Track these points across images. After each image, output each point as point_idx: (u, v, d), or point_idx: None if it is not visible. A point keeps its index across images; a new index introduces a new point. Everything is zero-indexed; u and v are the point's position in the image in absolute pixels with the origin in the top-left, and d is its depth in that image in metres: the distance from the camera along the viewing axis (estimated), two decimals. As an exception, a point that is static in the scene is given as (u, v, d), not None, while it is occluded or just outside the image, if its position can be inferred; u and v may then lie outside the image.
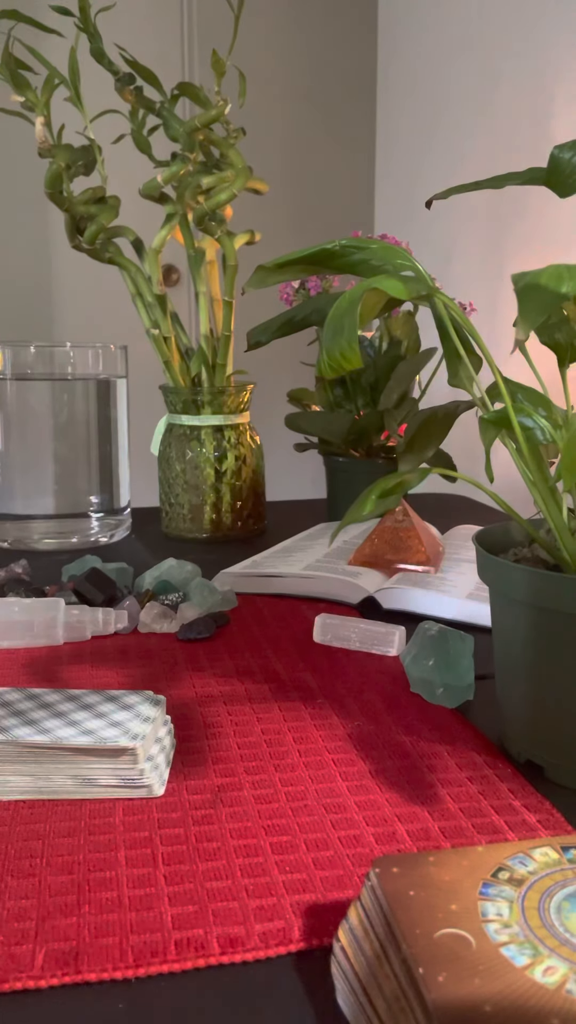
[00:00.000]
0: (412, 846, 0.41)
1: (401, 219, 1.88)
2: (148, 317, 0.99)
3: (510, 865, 0.33)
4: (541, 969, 0.27)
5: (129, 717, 0.47)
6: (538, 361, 0.47)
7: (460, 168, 1.51)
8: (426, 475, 0.51)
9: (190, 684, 0.60)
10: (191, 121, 0.94)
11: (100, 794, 0.44)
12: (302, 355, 1.13)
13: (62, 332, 2.07)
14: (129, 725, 0.46)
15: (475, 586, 0.76)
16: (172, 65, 1.97)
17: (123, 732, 0.45)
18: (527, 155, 1.27)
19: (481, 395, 0.48)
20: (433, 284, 0.45)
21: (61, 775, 0.44)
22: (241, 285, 0.60)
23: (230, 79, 0.96)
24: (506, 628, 0.49)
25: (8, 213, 1.97)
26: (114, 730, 0.45)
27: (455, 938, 0.29)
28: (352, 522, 0.50)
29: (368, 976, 0.30)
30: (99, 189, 0.94)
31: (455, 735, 0.52)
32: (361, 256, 0.44)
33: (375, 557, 0.83)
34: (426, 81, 1.71)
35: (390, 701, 0.57)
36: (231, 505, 1.01)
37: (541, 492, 0.46)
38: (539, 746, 0.48)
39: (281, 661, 0.64)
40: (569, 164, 0.45)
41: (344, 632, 0.67)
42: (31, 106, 0.90)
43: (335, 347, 0.40)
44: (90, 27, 0.92)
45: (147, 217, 1.02)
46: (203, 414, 0.99)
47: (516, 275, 0.45)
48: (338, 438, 1.04)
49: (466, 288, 1.28)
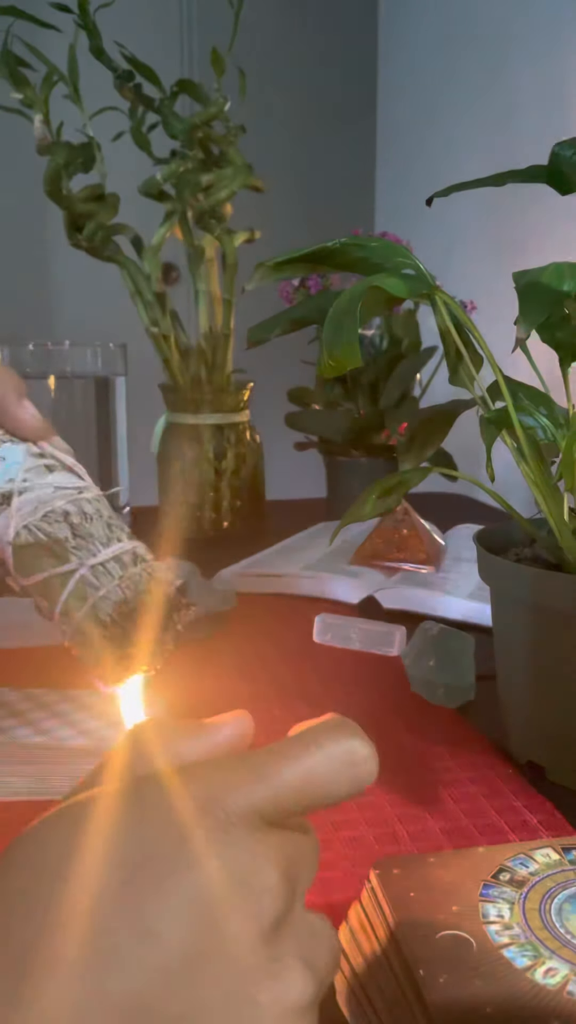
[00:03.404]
0: (413, 847, 0.41)
1: (402, 217, 1.87)
2: (147, 315, 0.99)
3: (511, 866, 0.32)
4: (542, 971, 0.27)
5: (128, 717, 0.47)
6: (539, 360, 0.47)
7: (461, 166, 1.51)
8: (427, 474, 0.51)
9: (189, 684, 0.60)
10: (191, 118, 0.94)
11: (99, 794, 0.44)
12: (302, 353, 1.13)
13: (61, 330, 2.07)
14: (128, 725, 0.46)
15: (476, 586, 0.76)
16: (171, 62, 1.97)
17: (123, 732, 0.45)
18: (528, 153, 1.26)
19: (482, 394, 0.48)
20: (433, 282, 0.45)
21: (60, 775, 0.44)
22: (241, 283, 0.60)
23: (230, 76, 0.95)
24: (507, 628, 0.49)
25: (7, 211, 1.96)
26: (114, 730, 0.45)
27: (456, 939, 0.29)
28: (352, 521, 0.50)
29: (368, 977, 0.30)
30: (98, 187, 0.94)
31: (456, 735, 0.52)
32: (361, 254, 0.44)
33: (375, 556, 0.83)
34: (426, 79, 1.70)
35: (390, 701, 0.57)
36: (231, 504, 1.00)
37: (542, 491, 0.46)
38: (540, 746, 0.48)
39: (281, 661, 0.64)
40: (570, 162, 0.45)
41: (344, 632, 0.67)
42: (30, 103, 0.90)
43: (335, 346, 0.40)
44: (89, 24, 0.91)
45: (146, 215, 1.02)
46: (203, 413, 0.99)
47: (517, 273, 0.44)
48: (338, 437, 1.04)
49: (467, 286, 1.28)
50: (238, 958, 0.21)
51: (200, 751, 0.25)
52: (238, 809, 0.22)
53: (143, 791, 0.23)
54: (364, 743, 0.24)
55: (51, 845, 0.22)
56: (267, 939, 0.21)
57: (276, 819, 0.23)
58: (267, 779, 0.23)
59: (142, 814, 0.22)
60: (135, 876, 0.21)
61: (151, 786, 0.23)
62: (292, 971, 0.22)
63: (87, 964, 0.20)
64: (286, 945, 0.22)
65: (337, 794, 0.24)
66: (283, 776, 0.23)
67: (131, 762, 0.25)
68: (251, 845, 0.22)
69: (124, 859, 0.21)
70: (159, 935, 0.20)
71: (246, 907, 0.21)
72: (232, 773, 0.23)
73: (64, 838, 0.22)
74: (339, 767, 0.24)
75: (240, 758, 0.24)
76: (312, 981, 0.22)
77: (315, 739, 0.24)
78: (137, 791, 0.23)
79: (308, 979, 0.22)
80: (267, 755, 0.24)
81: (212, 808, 0.22)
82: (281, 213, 1.92)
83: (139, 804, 0.22)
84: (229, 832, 0.22)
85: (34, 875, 0.21)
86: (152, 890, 0.21)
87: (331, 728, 0.25)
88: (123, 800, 0.22)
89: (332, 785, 0.24)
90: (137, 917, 0.20)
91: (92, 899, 0.20)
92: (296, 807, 0.23)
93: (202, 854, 0.21)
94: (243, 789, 0.23)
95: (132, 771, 0.24)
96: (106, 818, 0.22)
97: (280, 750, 0.24)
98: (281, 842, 0.23)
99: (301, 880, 0.23)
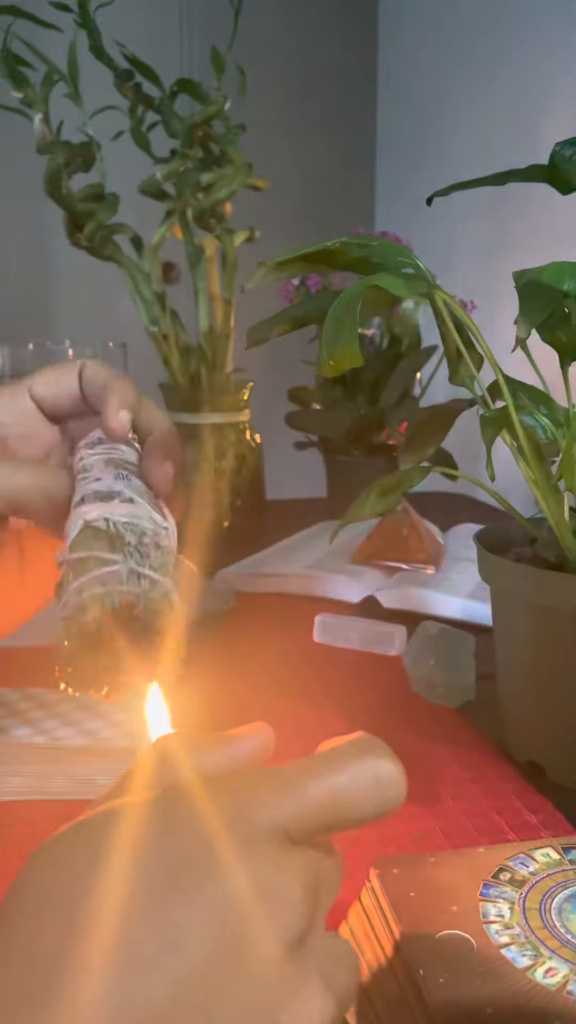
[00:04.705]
0: (413, 847, 0.41)
1: (402, 216, 1.87)
2: (147, 314, 0.98)
3: (511, 866, 0.32)
4: (542, 970, 0.27)
5: (128, 718, 0.47)
6: (539, 359, 0.47)
7: (461, 165, 1.51)
8: (426, 473, 0.51)
9: (189, 684, 0.60)
10: (190, 118, 0.94)
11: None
12: (302, 353, 1.13)
13: (61, 330, 2.07)
14: (128, 725, 0.46)
15: (476, 585, 0.76)
16: (171, 61, 1.97)
17: (122, 732, 0.45)
18: (529, 152, 1.27)
19: (482, 393, 0.48)
20: (434, 282, 0.45)
21: (60, 775, 0.44)
22: (241, 282, 0.60)
23: (230, 76, 0.95)
24: (507, 627, 0.48)
25: (6, 210, 1.96)
26: (114, 730, 0.45)
27: (456, 939, 0.29)
28: (352, 521, 0.50)
29: (368, 977, 0.30)
30: (98, 186, 0.94)
31: (456, 735, 0.52)
32: (362, 253, 0.44)
33: (376, 556, 0.83)
34: (427, 79, 1.70)
35: (391, 701, 0.57)
36: (231, 504, 1.00)
37: (542, 491, 0.46)
38: (540, 746, 0.48)
39: (281, 661, 0.64)
40: (570, 161, 0.45)
41: (344, 631, 0.67)
42: (30, 102, 0.90)
43: (335, 345, 0.40)
44: (89, 23, 0.91)
45: (146, 214, 1.02)
46: (202, 412, 0.99)
47: (517, 272, 0.44)
48: (338, 436, 1.04)
49: (467, 286, 1.28)
50: (260, 973, 0.21)
51: (223, 764, 0.25)
52: (264, 824, 0.22)
53: (170, 802, 0.23)
54: (393, 764, 0.24)
55: (79, 851, 0.22)
56: (289, 956, 0.21)
57: (301, 837, 0.23)
58: (293, 796, 0.23)
59: (170, 825, 0.22)
60: (162, 886, 0.21)
61: (178, 798, 0.23)
62: (312, 990, 0.22)
63: (112, 972, 0.20)
64: (307, 963, 0.22)
65: (363, 815, 0.24)
66: (309, 794, 0.23)
67: (157, 773, 0.25)
68: (276, 861, 0.22)
69: (151, 869, 0.21)
70: (184, 946, 0.20)
71: (270, 922, 0.21)
72: (259, 788, 0.23)
73: (92, 845, 0.22)
74: (366, 787, 0.24)
75: (267, 773, 0.24)
76: (331, 1001, 0.22)
77: (343, 758, 0.24)
78: (164, 802, 0.23)
79: (328, 999, 0.22)
80: (294, 772, 0.23)
81: (238, 822, 0.22)
82: (281, 213, 1.92)
83: (166, 815, 0.22)
84: (254, 847, 0.22)
85: (62, 880, 0.21)
86: (179, 901, 0.21)
87: (359, 747, 0.24)
88: (151, 810, 0.22)
89: (358, 805, 0.23)
90: (163, 927, 0.20)
91: (119, 907, 0.20)
92: (321, 826, 0.23)
93: (229, 867, 0.21)
94: (269, 805, 0.22)
95: (159, 782, 0.24)
96: (134, 828, 0.22)
97: (307, 767, 0.24)
98: (305, 860, 0.23)
99: (323, 899, 0.23)
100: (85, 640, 0.31)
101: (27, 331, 2.05)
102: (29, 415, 0.42)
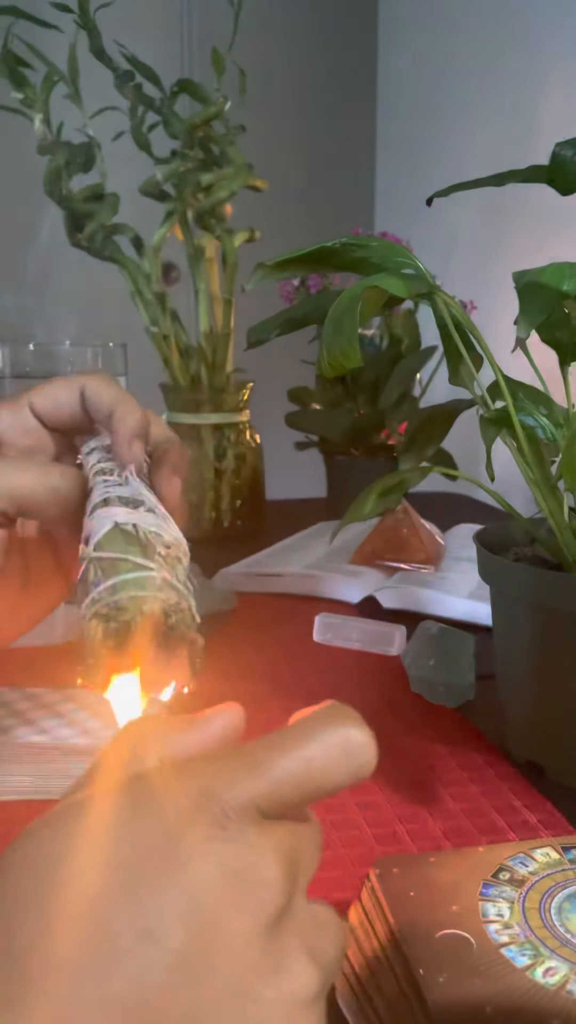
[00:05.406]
0: (412, 846, 0.41)
1: (402, 217, 1.87)
2: (147, 315, 0.99)
3: (511, 866, 0.32)
4: (542, 970, 0.27)
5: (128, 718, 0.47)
6: (539, 359, 0.47)
7: (461, 165, 1.51)
8: (426, 474, 0.51)
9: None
10: (191, 118, 0.94)
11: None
12: (302, 353, 1.13)
13: (61, 330, 2.07)
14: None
15: (476, 585, 0.76)
16: (171, 62, 1.97)
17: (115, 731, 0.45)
18: (529, 152, 1.27)
19: (482, 393, 0.48)
20: (434, 282, 0.45)
21: (60, 775, 0.44)
22: (241, 283, 0.60)
23: (230, 76, 0.95)
24: (507, 627, 0.49)
25: (6, 210, 1.97)
26: (114, 730, 0.45)
27: (456, 939, 0.29)
28: (352, 521, 0.50)
29: (368, 977, 0.30)
30: (98, 186, 0.94)
31: (456, 735, 0.52)
32: (361, 254, 0.44)
33: (375, 556, 0.83)
34: (427, 79, 1.70)
35: (390, 701, 0.57)
36: (231, 504, 1.00)
37: (542, 491, 0.46)
38: (540, 746, 0.48)
39: (281, 661, 0.64)
40: (571, 161, 0.45)
41: (344, 631, 0.67)
42: (30, 103, 0.90)
43: (335, 345, 0.40)
44: (89, 24, 0.91)
45: (146, 214, 1.02)
46: (202, 412, 0.99)
47: (517, 273, 0.44)
48: (338, 437, 1.04)
49: (467, 286, 1.28)
50: (239, 954, 0.21)
51: (193, 746, 0.25)
52: (234, 804, 0.22)
53: (137, 789, 0.23)
54: (361, 730, 0.24)
55: (47, 847, 0.22)
56: (268, 933, 0.21)
57: (274, 811, 0.23)
58: (263, 772, 0.23)
59: (137, 813, 0.22)
60: (132, 876, 0.21)
61: (145, 784, 0.23)
62: (296, 963, 0.22)
63: (88, 965, 0.20)
64: (289, 938, 0.22)
65: (336, 783, 0.24)
66: (279, 768, 0.23)
67: (124, 760, 0.25)
68: (248, 840, 0.22)
69: (120, 859, 0.21)
70: (158, 934, 0.20)
71: (245, 902, 0.21)
72: (227, 767, 0.23)
73: (60, 840, 0.22)
74: (336, 756, 0.23)
75: (235, 751, 0.24)
76: (317, 972, 0.22)
77: (311, 728, 0.24)
78: (131, 790, 0.23)
79: (312, 971, 0.22)
80: (262, 747, 0.23)
81: (208, 804, 0.22)
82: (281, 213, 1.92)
83: (134, 803, 0.22)
84: (226, 827, 0.22)
85: (31, 878, 0.21)
86: (149, 889, 0.21)
87: (327, 716, 0.24)
88: (118, 799, 0.22)
89: (330, 774, 0.23)
90: (135, 917, 0.20)
91: (90, 900, 0.20)
92: (294, 798, 0.23)
93: (198, 851, 0.21)
94: (239, 783, 0.22)
95: (126, 770, 0.24)
96: (101, 818, 0.22)
97: (275, 741, 0.24)
98: (279, 834, 0.23)
99: (303, 871, 0.23)
100: (118, 639, 0.31)
101: (27, 332, 2.05)
102: (32, 429, 0.42)
